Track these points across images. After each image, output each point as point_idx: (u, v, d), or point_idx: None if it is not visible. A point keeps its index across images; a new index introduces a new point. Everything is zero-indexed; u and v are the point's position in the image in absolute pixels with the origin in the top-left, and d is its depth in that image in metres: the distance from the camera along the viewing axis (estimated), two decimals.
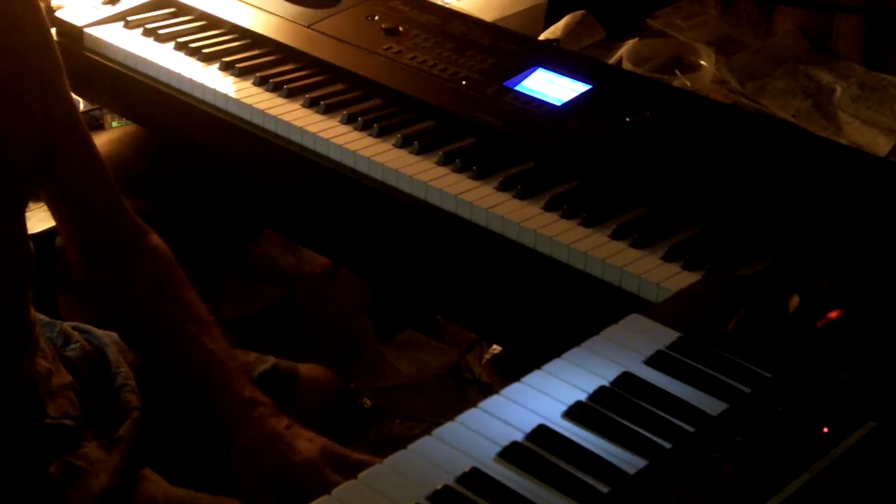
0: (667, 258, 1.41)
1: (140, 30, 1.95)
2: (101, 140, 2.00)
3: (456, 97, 1.73)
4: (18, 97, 1.27)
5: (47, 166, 1.33)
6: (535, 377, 1.01)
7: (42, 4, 1.35)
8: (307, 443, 1.32)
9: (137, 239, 1.43)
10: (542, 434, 0.94)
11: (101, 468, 1.31)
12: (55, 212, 1.41)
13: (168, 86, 1.86)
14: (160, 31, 1.94)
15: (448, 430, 0.94)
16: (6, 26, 1.26)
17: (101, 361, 1.44)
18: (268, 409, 1.35)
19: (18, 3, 1.28)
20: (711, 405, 0.99)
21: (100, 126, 2.22)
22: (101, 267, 1.42)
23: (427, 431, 0.94)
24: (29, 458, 1.29)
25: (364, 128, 1.68)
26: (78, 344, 1.45)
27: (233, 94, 1.78)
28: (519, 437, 0.94)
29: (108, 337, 1.47)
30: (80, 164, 1.38)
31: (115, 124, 2.22)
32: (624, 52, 2.08)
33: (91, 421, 1.37)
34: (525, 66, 1.79)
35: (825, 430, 0.94)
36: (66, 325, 1.48)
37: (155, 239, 1.44)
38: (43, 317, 1.43)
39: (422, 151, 1.63)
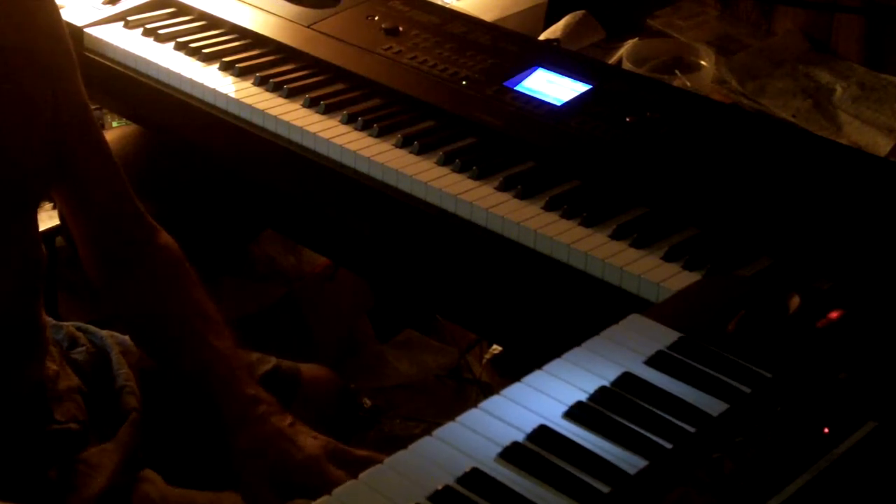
0: (667, 258, 1.41)
1: (140, 30, 1.95)
2: None
3: (456, 97, 1.73)
4: (26, 97, 1.26)
5: (56, 167, 1.33)
6: (535, 377, 1.01)
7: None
8: (310, 440, 1.32)
9: (148, 238, 1.44)
10: (542, 434, 0.94)
11: (98, 470, 1.31)
12: (67, 211, 1.41)
13: (168, 86, 1.85)
14: (160, 31, 1.94)
15: (448, 430, 0.94)
16: (17, 25, 1.25)
17: (104, 362, 1.44)
18: (271, 408, 1.35)
19: (32, 3, 1.28)
20: (712, 405, 0.99)
21: (100, 126, 2.22)
22: (112, 265, 1.42)
23: (427, 431, 0.94)
24: (33, 462, 1.29)
25: (364, 128, 1.68)
26: (84, 347, 1.45)
27: (233, 94, 1.78)
28: (519, 437, 0.94)
29: (111, 338, 1.47)
30: (92, 164, 1.38)
31: (115, 124, 2.23)
32: (624, 52, 2.07)
33: (95, 423, 1.37)
34: (525, 66, 1.78)
35: (825, 430, 0.94)
36: (71, 326, 1.48)
37: (164, 237, 1.45)
38: (50, 319, 1.43)
39: (422, 151, 1.63)
